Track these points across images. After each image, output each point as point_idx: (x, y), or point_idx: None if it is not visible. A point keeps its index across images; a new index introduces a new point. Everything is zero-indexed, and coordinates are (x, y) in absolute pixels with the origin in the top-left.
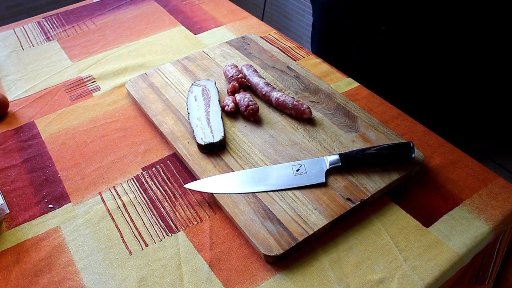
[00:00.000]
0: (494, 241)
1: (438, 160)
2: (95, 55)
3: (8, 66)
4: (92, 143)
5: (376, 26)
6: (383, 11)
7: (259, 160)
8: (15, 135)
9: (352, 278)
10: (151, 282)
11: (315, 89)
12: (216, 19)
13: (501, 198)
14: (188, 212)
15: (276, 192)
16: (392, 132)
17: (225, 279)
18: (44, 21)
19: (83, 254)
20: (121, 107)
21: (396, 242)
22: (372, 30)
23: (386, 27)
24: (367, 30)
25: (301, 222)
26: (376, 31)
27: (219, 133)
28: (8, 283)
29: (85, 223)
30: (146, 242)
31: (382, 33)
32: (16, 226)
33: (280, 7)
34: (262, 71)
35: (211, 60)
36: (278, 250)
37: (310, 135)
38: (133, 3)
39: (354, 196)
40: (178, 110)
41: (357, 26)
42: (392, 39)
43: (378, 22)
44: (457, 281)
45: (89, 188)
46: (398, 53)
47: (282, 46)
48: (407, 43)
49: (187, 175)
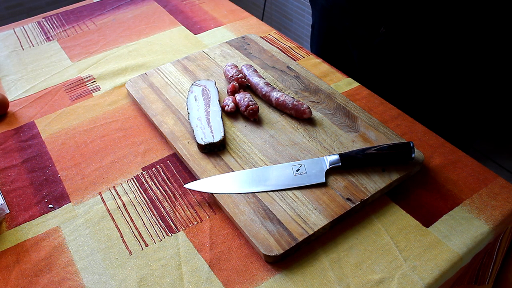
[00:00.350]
0: (494, 241)
1: (438, 160)
2: (95, 55)
3: (8, 66)
4: (92, 143)
5: (376, 28)
6: (382, 12)
7: (259, 160)
8: (15, 135)
9: (352, 278)
10: (151, 282)
11: (315, 89)
12: (216, 19)
13: (501, 198)
14: (188, 212)
15: (276, 192)
16: (392, 132)
17: (225, 279)
18: (44, 21)
19: (83, 254)
20: (121, 107)
21: (396, 242)
22: (372, 32)
23: (386, 28)
24: (367, 32)
25: (301, 222)
26: (376, 33)
27: (219, 133)
28: (8, 283)
29: (85, 223)
30: (146, 242)
31: (382, 35)
32: (16, 226)
33: (280, 7)
34: (262, 71)
35: (211, 60)
36: (278, 250)
37: (310, 135)
38: (133, 3)
39: (354, 196)
40: (178, 110)
41: (357, 28)
42: (392, 41)
43: (378, 24)
44: (457, 281)
45: (89, 188)
46: (397, 54)
47: (282, 46)
48: (407, 45)
49: (187, 175)
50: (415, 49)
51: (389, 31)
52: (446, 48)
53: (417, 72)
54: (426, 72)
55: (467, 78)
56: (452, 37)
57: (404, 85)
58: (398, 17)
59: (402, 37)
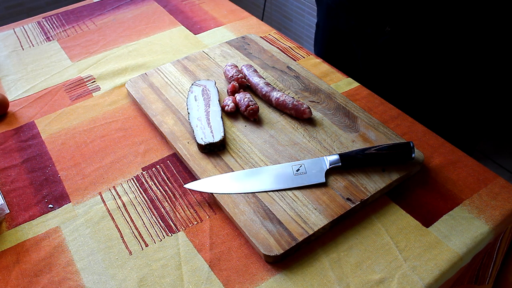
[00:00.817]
0: (494, 241)
1: (438, 160)
2: (95, 55)
3: (8, 66)
4: (92, 143)
5: (381, 27)
6: (388, 11)
7: (259, 160)
8: (15, 135)
9: (352, 278)
10: (151, 282)
11: (315, 89)
12: (216, 19)
13: (501, 198)
14: (188, 212)
15: (276, 192)
16: (392, 132)
17: (225, 279)
18: (44, 21)
19: (83, 254)
20: (121, 107)
21: (396, 242)
22: (377, 31)
23: (391, 28)
24: (372, 31)
25: (301, 222)
26: (381, 32)
27: (219, 133)
28: (8, 283)
29: (85, 223)
30: (146, 242)
31: (387, 34)
32: (16, 226)
33: (280, 7)
34: (262, 71)
35: (211, 60)
36: (278, 250)
37: (310, 135)
38: (133, 3)
39: (354, 196)
40: (178, 110)
41: (362, 27)
42: (396, 40)
43: (383, 23)
44: (457, 281)
45: (89, 188)
46: (402, 54)
47: (282, 46)
48: (412, 44)
49: (187, 175)
50: (420, 49)
51: (394, 30)
52: (451, 47)
53: (421, 72)
54: (429, 72)
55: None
56: (456, 36)
57: (407, 85)
58: (403, 16)
59: (407, 36)
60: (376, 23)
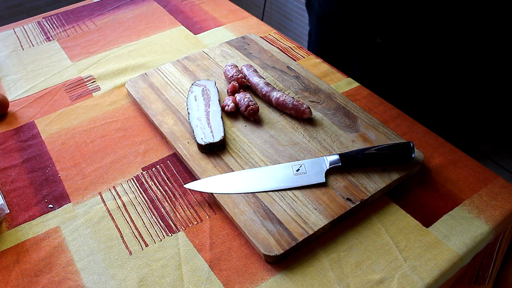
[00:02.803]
0: (494, 241)
1: (438, 160)
2: (95, 55)
3: (8, 66)
4: (92, 143)
5: (371, 38)
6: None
7: (259, 160)
8: (15, 135)
9: (352, 278)
10: (151, 282)
11: (315, 89)
12: (216, 19)
13: (501, 198)
14: (188, 212)
15: (276, 192)
16: (392, 132)
17: (225, 279)
18: (44, 21)
19: (83, 254)
20: (121, 107)
21: (396, 242)
22: (368, 43)
23: (382, 39)
24: (363, 43)
25: (301, 222)
26: (372, 43)
27: (219, 133)
28: (8, 283)
29: (85, 223)
30: (146, 242)
31: (379, 45)
32: (16, 226)
33: (280, 7)
34: (262, 71)
35: (211, 60)
36: (278, 250)
37: (310, 135)
38: (133, 3)
39: (354, 196)
40: (178, 110)
41: (353, 38)
42: (389, 50)
43: (373, 34)
44: (457, 281)
45: (89, 188)
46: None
47: (282, 46)
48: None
49: (187, 175)
50: (413, 57)
51: (386, 41)
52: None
53: (416, 79)
54: (427, 77)
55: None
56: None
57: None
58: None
59: (399, 46)
60: (366, 34)
